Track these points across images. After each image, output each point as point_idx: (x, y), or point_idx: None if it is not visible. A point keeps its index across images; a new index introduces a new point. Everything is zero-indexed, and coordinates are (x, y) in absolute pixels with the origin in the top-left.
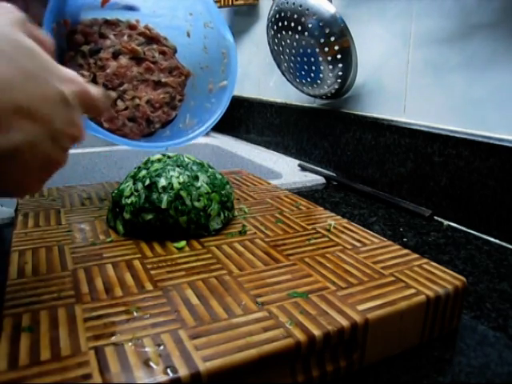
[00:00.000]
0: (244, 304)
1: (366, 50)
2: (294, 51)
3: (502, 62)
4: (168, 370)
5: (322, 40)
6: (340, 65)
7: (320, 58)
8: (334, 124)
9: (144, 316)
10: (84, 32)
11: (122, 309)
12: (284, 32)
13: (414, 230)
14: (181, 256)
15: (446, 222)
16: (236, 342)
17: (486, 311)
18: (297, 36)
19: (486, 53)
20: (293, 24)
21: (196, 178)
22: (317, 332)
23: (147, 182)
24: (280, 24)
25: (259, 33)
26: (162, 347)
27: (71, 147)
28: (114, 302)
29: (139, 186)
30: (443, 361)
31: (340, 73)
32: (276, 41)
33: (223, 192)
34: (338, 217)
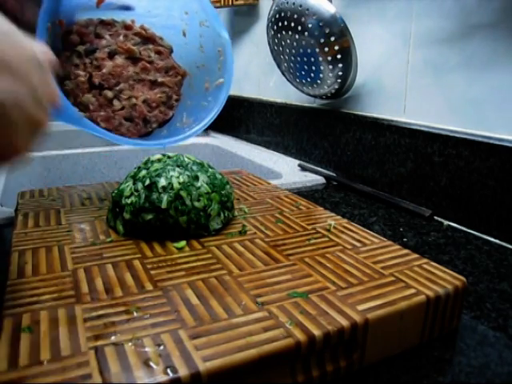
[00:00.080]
0: (244, 304)
1: (365, 50)
2: (294, 51)
3: (501, 62)
4: (168, 370)
5: (322, 40)
6: (340, 65)
7: (320, 58)
8: (334, 124)
9: (144, 316)
10: (79, 32)
11: (122, 309)
12: (284, 32)
13: (414, 230)
14: (181, 256)
15: (446, 222)
16: (236, 342)
17: (485, 311)
18: (297, 36)
19: (486, 53)
20: (293, 24)
21: (196, 178)
22: (317, 332)
23: (147, 182)
24: (280, 24)
25: (259, 33)
26: (162, 347)
27: (50, 110)
28: (114, 302)
29: (139, 186)
30: (443, 361)
31: (340, 73)
32: (276, 41)
33: (223, 192)
34: (338, 217)
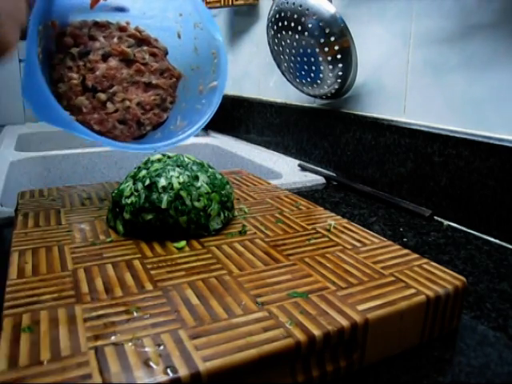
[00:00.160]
0: (244, 304)
1: (365, 50)
2: (294, 51)
3: (501, 62)
4: (168, 369)
5: (322, 40)
6: (340, 65)
7: (320, 58)
8: (334, 124)
9: (144, 316)
10: (73, 34)
11: (122, 309)
12: (284, 32)
13: (414, 230)
14: (181, 256)
15: (446, 222)
16: (236, 341)
17: (486, 311)
18: (297, 36)
19: (486, 53)
20: (293, 24)
21: (196, 178)
22: (317, 332)
23: (147, 182)
24: (280, 24)
25: (259, 33)
26: (162, 347)
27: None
28: (114, 302)
29: (139, 186)
30: (443, 361)
31: (340, 73)
32: (276, 41)
33: (223, 192)
34: (338, 217)
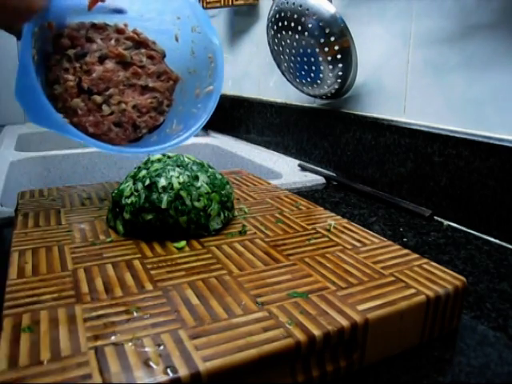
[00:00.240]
0: (244, 304)
1: (366, 50)
2: (294, 51)
3: (501, 62)
4: (168, 369)
5: (322, 40)
6: (340, 65)
7: (320, 58)
8: (334, 124)
9: (144, 316)
10: (70, 36)
11: (122, 309)
12: (284, 32)
13: (414, 230)
14: (181, 256)
15: (446, 222)
16: (236, 341)
17: (485, 311)
18: (297, 36)
19: (486, 53)
20: (293, 24)
21: (196, 178)
22: (317, 332)
23: (147, 182)
24: (280, 24)
25: (259, 33)
26: (162, 347)
27: None
28: (114, 302)
29: (139, 186)
30: (443, 361)
31: (340, 73)
32: (276, 41)
33: (223, 192)
34: (338, 217)
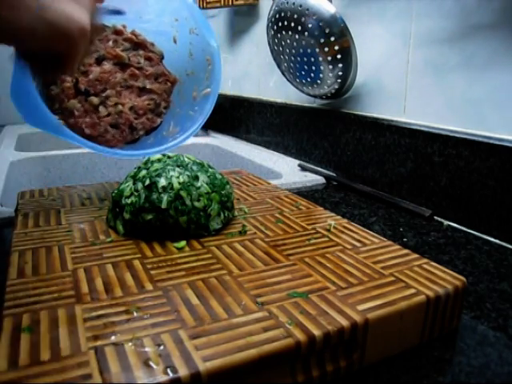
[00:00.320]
0: (244, 304)
1: (366, 50)
2: (294, 51)
3: (501, 62)
4: (168, 369)
5: (322, 40)
6: (340, 65)
7: (320, 58)
8: (334, 124)
9: (144, 316)
10: None
11: (122, 309)
12: (284, 32)
13: (414, 230)
14: (181, 256)
15: (446, 222)
16: (236, 341)
17: (486, 311)
18: (297, 36)
19: (486, 53)
20: (293, 24)
21: (196, 178)
22: (317, 332)
23: (147, 182)
24: (280, 24)
25: (259, 33)
26: (162, 347)
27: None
28: (114, 302)
29: (139, 186)
30: (443, 361)
31: (340, 73)
32: (276, 41)
33: (223, 192)
34: (338, 217)
